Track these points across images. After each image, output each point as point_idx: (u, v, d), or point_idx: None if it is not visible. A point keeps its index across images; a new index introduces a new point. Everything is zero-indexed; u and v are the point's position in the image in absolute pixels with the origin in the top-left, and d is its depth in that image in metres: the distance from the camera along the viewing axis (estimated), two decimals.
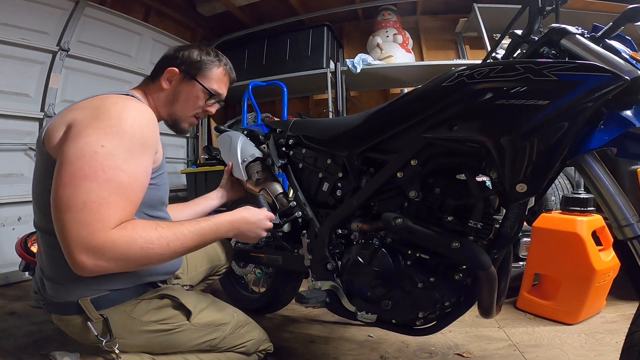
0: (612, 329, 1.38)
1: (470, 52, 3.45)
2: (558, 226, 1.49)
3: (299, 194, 1.22)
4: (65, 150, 0.72)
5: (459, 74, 0.80)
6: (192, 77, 1.01)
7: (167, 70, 0.99)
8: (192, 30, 3.54)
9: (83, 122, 0.76)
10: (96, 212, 0.68)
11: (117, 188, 0.72)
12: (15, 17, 2.19)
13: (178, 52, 1.02)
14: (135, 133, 0.77)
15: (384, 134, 0.96)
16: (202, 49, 1.05)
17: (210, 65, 1.03)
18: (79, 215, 0.68)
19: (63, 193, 0.69)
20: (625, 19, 0.75)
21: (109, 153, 0.72)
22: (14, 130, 2.25)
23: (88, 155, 0.70)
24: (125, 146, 0.75)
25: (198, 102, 1.04)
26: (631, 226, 0.70)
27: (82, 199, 0.68)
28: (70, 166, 0.70)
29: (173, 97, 1.01)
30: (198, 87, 1.02)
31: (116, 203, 0.71)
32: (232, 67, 1.10)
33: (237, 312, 1.06)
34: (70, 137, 0.74)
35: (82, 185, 0.69)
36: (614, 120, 0.70)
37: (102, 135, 0.73)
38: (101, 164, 0.71)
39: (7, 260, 2.09)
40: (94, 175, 0.70)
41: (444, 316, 0.95)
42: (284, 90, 2.76)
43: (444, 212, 0.87)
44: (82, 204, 0.68)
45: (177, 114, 1.03)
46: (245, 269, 1.63)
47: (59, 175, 0.71)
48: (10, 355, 1.26)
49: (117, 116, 0.77)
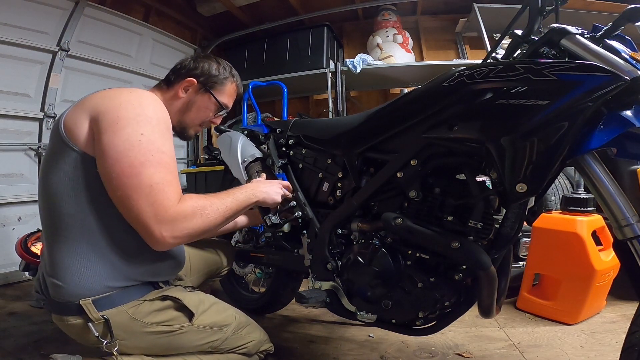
0: (612, 329, 1.38)
1: (470, 52, 3.45)
2: (558, 226, 1.49)
3: (299, 194, 1.22)
4: (109, 144, 0.78)
5: (459, 74, 0.80)
6: (208, 89, 1.07)
7: (187, 80, 1.05)
8: (192, 30, 3.54)
9: (110, 112, 0.81)
10: (162, 192, 0.78)
11: (167, 167, 0.81)
12: (15, 17, 2.19)
13: (198, 63, 1.08)
14: (160, 118, 0.85)
15: (384, 134, 0.96)
16: (220, 63, 1.12)
17: (225, 80, 1.10)
18: (150, 197, 0.77)
19: (130, 182, 0.77)
20: (625, 19, 0.75)
21: (149, 140, 0.80)
22: (14, 130, 2.25)
23: (136, 145, 0.78)
24: (157, 130, 0.83)
25: (208, 113, 1.10)
26: (631, 226, 0.70)
27: (148, 182, 0.77)
28: (125, 158, 0.77)
29: (186, 107, 1.06)
30: (212, 100, 1.08)
31: (171, 180, 0.81)
32: (240, 80, 1.18)
33: (239, 313, 1.06)
34: (106, 130, 0.79)
35: (143, 172, 0.78)
36: (614, 120, 0.70)
37: (136, 124, 0.80)
38: (149, 150, 0.79)
39: (7, 260, 2.09)
40: (148, 161, 0.78)
41: (444, 316, 0.95)
42: (284, 90, 2.76)
43: (444, 212, 0.87)
44: (149, 187, 0.77)
45: (187, 122, 1.08)
46: (245, 269, 1.63)
47: (117, 169, 0.77)
48: (10, 355, 1.26)
49: (139, 104, 0.83)
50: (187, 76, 1.05)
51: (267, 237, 1.41)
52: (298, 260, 1.22)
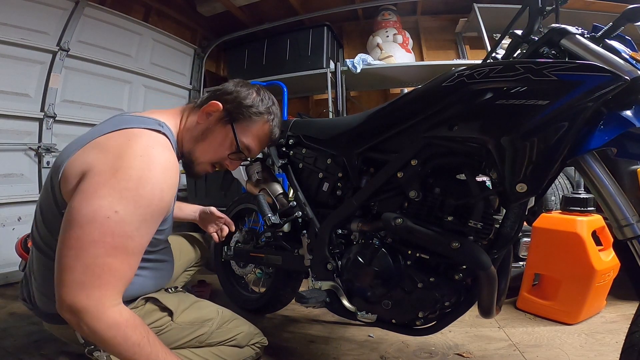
0: (612, 329, 1.38)
1: (470, 52, 3.45)
2: (558, 226, 1.49)
3: (299, 194, 1.22)
4: (76, 208, 0.69)
5: (459, 74, 0.80)
6: (230, 121, 0.91)
7: (211, 103, 0.90)
8: (192, 30, 3.54)
9: (101, 175, 0.71)
10: (98, 277, 0.68)
11: (122, 254, 0.70)
12: (15, 17, 2.19)
13: (237, 87, 0.94)
14: (154, 201, 0.73)
15: (384, 134, 0.96)
16: (260, 94, 0.95)
17: (256, 117, 0.92)
18: (80, 276, 0.67)
19: (68, 254, 0.68)
20: (625, 19, 0.75)
21: (121, 220, 0.69)
22: (14, 130, 2.25)
23: (99, 220, 0.68)
24: (139, 213, 0.71)
25: (223, 151, 0.93)
26: (631, 226, 0.70)
27: (86, 262, 0.67)
28: (79, 229, 0.68)
29: (202, 135, 0.91)
30: (230, 136, 0.91)
31: (118, 269, 0.71)
32: (279, 124, 0.98)
33: (223, 309, 1.08)
34: (84, 192, 0.70)
35: (88, 250, 0.67)
36: (614, 120, 0.70)
37: (118, 199, 0.69)
38: (112, 231, 0.68)
39: (7, 260, 2.09)
40: (102, 241, 0.68)
41: (444, 316, 0.95)
42: (284, 90, 2.76)
43: (444, 212, 0.87)
44: (85, 266, 0.67)
45: (197, 154, 0.93)
46: (245, 269, 1.63)
47: (66, 235, 0.69)
48: (10, 355, 1.26)
49: (138, 177, 0.71)
50: (217, 99, 0.91)
51: (267, 237, 1.41)
52: (298, 260, 1.23)
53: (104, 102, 2.68)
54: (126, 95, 2.90)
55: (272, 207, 1.24)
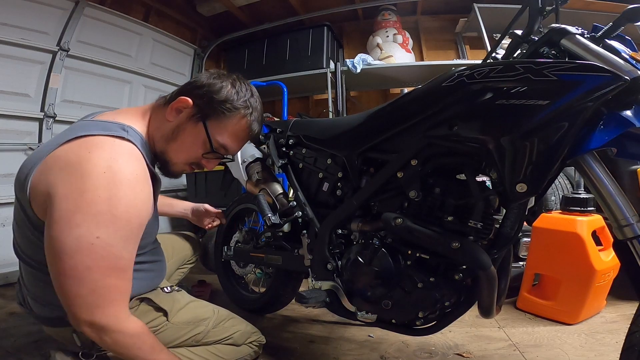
0: (612, 329, 1.38)
1: (470, 52, 3.45)
2: (558, 226, 1.49)
3: (299, 194, 1.22)
4: (57, 238, 0.68)
5: (459, 74, 0.80)
6: (201, 118, 0.82)
7: (180, 99, 0.82)
8: (192, 30, 3.54)
9: (68, 199, 0.67)
10: (105, 297, 0.72)
11: (118, 272, 0.73)
12: (15, 17, 2.19)
13: (208, 80, 0.84)
14: (131, 219, 0.72)
15: (384, 134, 0.96)
16: (235, 87, 0.84)
17: (231, 112, 0.83)
18: (89, 299, 0.70)
19: (69, 282, 0.69)
20: (625, 19, 0.75)
21: (106, 245, 0.69)
22: (14, 130, 2.25)
23: (85, 248, 0.68)
24: (120, 235, 0.71)
25: (195, 150, 0.86)
26: (631, 226, 0.70)
27: (90, 287, 0.70)
28: (70, 259, 0.68)
29: (172, 134, 0.84)
30: (202, 134, 0.83)
31: (120, 286, 0.74)
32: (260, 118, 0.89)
33: (219, 309, 1.08)
34: (58, 221, 0.67)
35: (86, 277, 0.69)
36: (614, 120, 0.70)
37: (95, 224, 0.68)
38: (101, 256, 0.69)
39: (7, 260, 2.09)
40: (97, 266, 0.69)
41: (444, 316, 0.95)
42: (284, 90, 2.76)
43: (444, 212, 0.87)
44: (91, 291, 0.70)
45: (169, 155, 0.86)
46: (245, 269, 1.63)
47: (60, 265, 0.69)
48: (10, 355, 1.26)
49: (107, 198, 0.68)
50: (186, 93, 0.82)
51: (267, 237, 1.41)
52: (298, 260, 1.23)
53: (104, 102, 2.68)
54: (126, 95, 2.90)
55: (272, 207, 1.24)
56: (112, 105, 2.74)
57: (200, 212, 1.38)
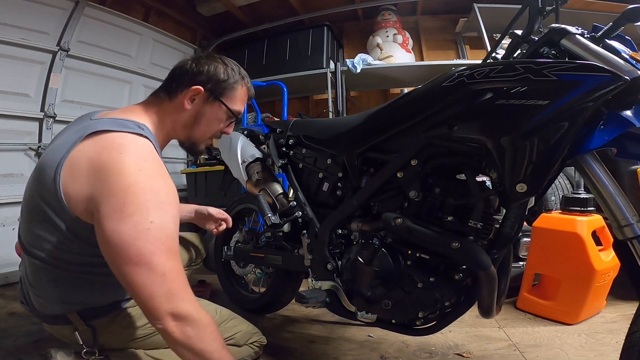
0: (612, 329, 1.38)
1: (470, 52, 3.45)
2: (558, 226, 1.49)
3: (299, 194, 1.22)
4: (115, 231, 0.70)
5: (459, 74, 0.80)
6: (218, 97, 0.95)
7: (192, 90, 0.92)
8: (192, 30, 3.54)
9: (116, 196, 0.72)
10: (176, 281, 0.72)
11: (176, 255, 0.75)
12: (15, 17, 2.19)
13: (202, 67, 0.94)
14: (173, 202, 0.77)
15: (384, 134, 0.96)
16: (226, 64, 0.98)
17: (235, 85, 0.97)
18: (164, 285, 0.70)
19: (138, 273, 0.70)
20: (625, 19, 0.75)
21: (160, 227, 0.72)
22: (14, 130, 2.25)
23: (143, 234, 0.70)
24: (169, 215, 0.75)
25: (220, 124, 0.99)
26: (631, 226, 0.70)
27: (161, 271, 0.70)
28: (132, 247, 0.70)
29: (194, 120, 0.95)
30: (222, 109, 0.96)
31: (182, 270, 0.75)
32: (250, 81, 1.05)
33: (221, 308, 1.08)
34: (110, 217, 0.71)
35: (153, 261, 0.70)
36: (614, 120, 0.70)
37: (146, 211, 0.72)
38: (159, 238, 0.72)
39: (7, 260, 2.09)
40: (159, 249, 0.71)
41: (444, 316, 0.95)
42: (284, 90, 2.76)
43: (444, 212, 0.87)
44: (162, 276, 0.70)
45: (197, 137, 0.98)
46: (245, 269, 1.63)
47: (124, 256, 0.70)
48: (10, 355, 1.26)
49: (150, 189, 0.74)
50: (192, 84, 0.92)
51: (267, 237, 1.41)
52: (298, 260, 1.23)
53: (104, 102, 2.68)
54: (126, 95, 2.91)
55: (272, 207, 1.24)
56: (112, 105, 2.71)
57: (204, 215, 1.36)
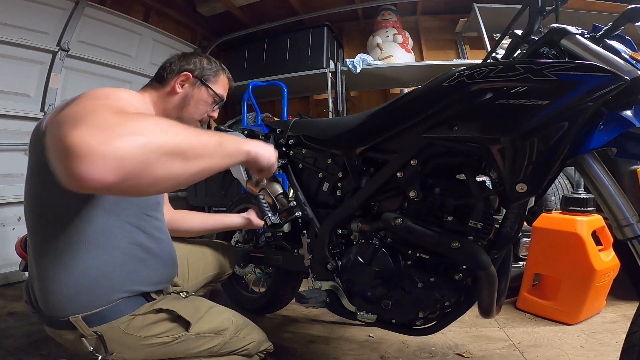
0: (612, 329, 1.38)
1: (470, 52, 3.45)
2: (558, 226, 1.49)
3: (299, 194, 1.22)
4: (62, 114, 0.54)
5: (459, 74, 0.80)
6: (204, 82, 1.08)
7: (182, 75, 1.04)
8: (192, 30, 3.54)
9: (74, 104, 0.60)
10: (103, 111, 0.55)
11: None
12: (15, 17, 2.19)
13: (189, 59, 1.08)
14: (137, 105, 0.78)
15: (384, 134, 0.96)
16: (209, 58, 1.13)
17: (218, 72, 1.12)
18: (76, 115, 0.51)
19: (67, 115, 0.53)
20: (625, 19, 0.75)
21: (109, 104, 0.59)
22: (14, 130, 2.25)
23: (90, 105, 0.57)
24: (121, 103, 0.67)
25: (206, 106, 1.10)
26: (631, 226, 0.70)
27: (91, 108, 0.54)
28: (71, 110, 0.54)
29: (184, 101, 1.06)
30: (208, 92, 1.09)
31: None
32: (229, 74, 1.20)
33: (236, 316, 1.04)
34: (64, 108, 0.59)
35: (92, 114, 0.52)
36: (614, 120, 0.70)
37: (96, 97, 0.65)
38: (108, 106, 0.57)
39: (7, 260, 2.09)
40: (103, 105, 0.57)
41: (444, 316, 0.95)
42: (284, 90, 2.76)
43: (444, 212, 0.87)
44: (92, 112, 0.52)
45: (186, 118, 1.07)
46: (245, 269, 1.63)
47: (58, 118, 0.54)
48: (10, 355, 1.26)
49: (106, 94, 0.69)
50: (182, 71, 1.05)
51: (267, 237, 1.41)
52: (298, 260, 1.23)
53: None
54: None
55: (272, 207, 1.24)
56: None
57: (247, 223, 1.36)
